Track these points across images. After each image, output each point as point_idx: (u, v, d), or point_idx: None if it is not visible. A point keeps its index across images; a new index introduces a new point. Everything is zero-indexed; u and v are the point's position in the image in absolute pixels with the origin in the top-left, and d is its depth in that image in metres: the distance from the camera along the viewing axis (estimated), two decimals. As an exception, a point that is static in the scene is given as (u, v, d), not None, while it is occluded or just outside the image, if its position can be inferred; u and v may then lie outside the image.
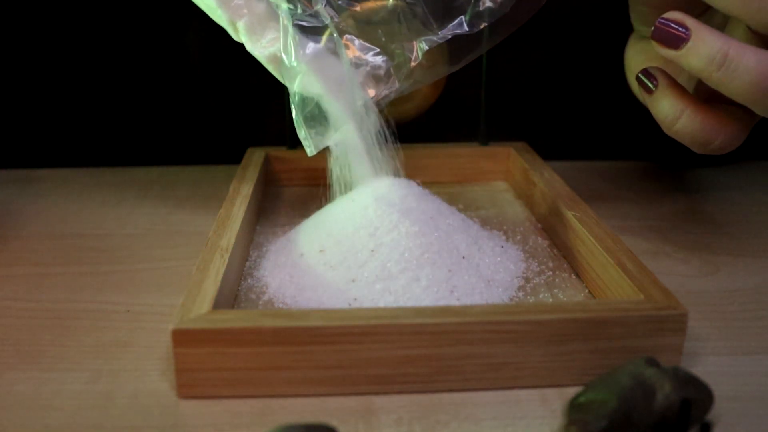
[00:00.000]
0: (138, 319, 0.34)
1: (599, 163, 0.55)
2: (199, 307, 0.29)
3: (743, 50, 0.33)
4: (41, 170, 0.53)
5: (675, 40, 0.34)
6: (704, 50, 0.34)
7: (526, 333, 0.29)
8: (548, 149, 0.50)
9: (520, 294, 0.35)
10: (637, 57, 0.44)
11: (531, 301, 0.35)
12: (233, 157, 0.48)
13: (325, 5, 0.36)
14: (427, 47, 0.36)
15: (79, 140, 0.55)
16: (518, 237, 0.41)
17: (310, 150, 0.36)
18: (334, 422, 0.27)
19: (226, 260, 0.33)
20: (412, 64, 0.36)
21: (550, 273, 0.37)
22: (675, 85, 0.37)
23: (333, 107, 0.36)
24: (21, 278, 0.38)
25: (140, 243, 0.42)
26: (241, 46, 0.37)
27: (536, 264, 0.38)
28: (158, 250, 0.41)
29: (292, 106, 0.36)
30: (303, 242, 0.37)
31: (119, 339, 0.33)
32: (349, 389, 0.29)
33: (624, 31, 0.44)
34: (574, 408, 0.27)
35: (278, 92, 0.48)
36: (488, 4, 0.36)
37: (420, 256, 0.34)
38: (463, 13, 0.36)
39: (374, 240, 0.35)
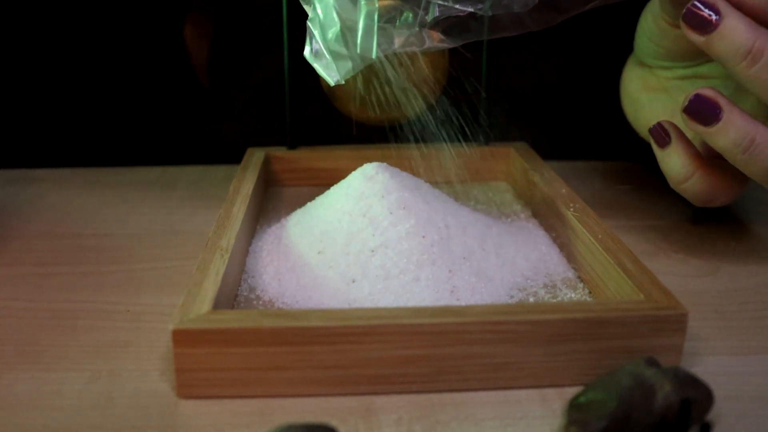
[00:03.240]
0: (138, 319, 0.34)
1: (599, 163, 0.55)
2: (199, 307, 0.29)
3: None
4: (41, 170, 0.53)
5: (707, 118, 0.35)
6: (733, 134, 0.34)
7: (526, 333, 0.29)
8: (548, 149, 0.50)
9: (520, 294, 0.35)
10: (635, 82, 0.45)
11: (531, 301, 0.35)
12: (233, 157, 0.48)
13: None
14: (438, 13, 0.35)
15: (79, 140, 0.55)
16: (518, 237, 0.41)
17: (336, 78, 0.35)
18: (333, 422, 0.27)
19: (226, 260, 0.33)
20: (424, 27, 0.36)
21: (550, 273, 0.37)
22: (687, 142, 0.38)
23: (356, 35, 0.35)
24: (21, 278, 0.38)
25: (140, 243, 0.42)
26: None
27: (536, 264, 0.38)
28: (158, 250, 0.41)
29: (315, 33, 0.34)
30: (302, 242, 0.37)
31: (119, 339, 0.33)
32: (349, 389, 0.29)
33: (624, 31, 0.44)
34: (574, 408, 0.27)
35: (278, 92, 0.48)
36: (510, 1, 0.35)
37: (420, 256, 0.34)
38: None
39: (374, 240, 0.35)
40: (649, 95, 0.44)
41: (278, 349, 0.28)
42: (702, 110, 0.35)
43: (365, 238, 0.35)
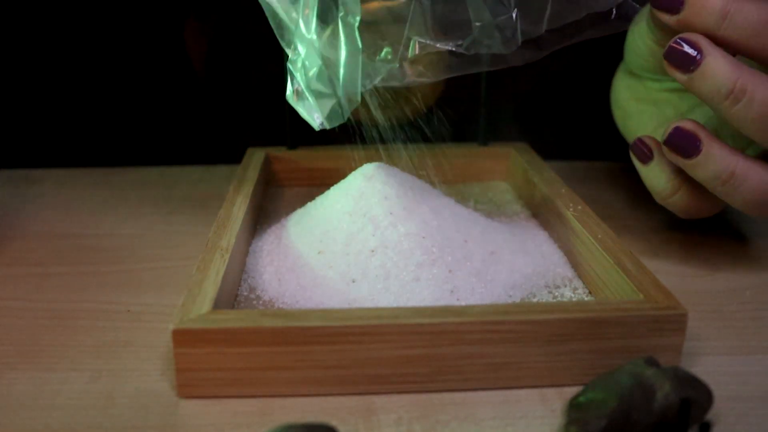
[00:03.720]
0: (138, 319, 0.34)
1: (599, 163, 0.55)
2: (199, 307, 0.29)
3: (749, 170, 0.34)
4: (41, 170, 0.53)
5: (686, 150, 0.35)
6: (712, 167, 0.35)
7: (526, 333, 0.29)
8: (548, 149, 0.50)
9: (520, 294, 0.35)
10: (624, 92, 0.45)
11: (531, 301, 0.35)
12: (233, 157, 0.48)
13: None
14: (418, 50, 0.35)
15: (79, 140, 0.55)
16: (518, 237, 0.41)
17: (320, 122, 0.34)
18: (334, 422, 0.27)
19: (227, 260, 0.33)
20: (404, 62, 0.35)
21: (550, 273, 0.37)
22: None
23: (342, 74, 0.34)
24: (21, 278, 0.38)
25: (140, 243, 0.42)
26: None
27: (536, 264, 0.38)
28: (158, 250, 0.41)
29: (296, 74, 0.34)
30: (302, 242, 0.37)
31: (119, 339, 0.33)
32: (349, 389, 0.29)
33: (624, 31, 0.44)
34: (573, 407, 0.27)
35: (278, 92, 0.48)
36: (492, 42, 0.35)
37: (420, 256, 0.34)
38: (466, 33, 0.35)
39: (374, 240, 0.35)
40: (638, 106, 0.44)
41: (278, 348, 0.28)
42: (682, 143, 0.35)
43: (365, 238, 0.35)
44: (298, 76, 0.33)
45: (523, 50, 0.36)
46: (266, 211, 0.45)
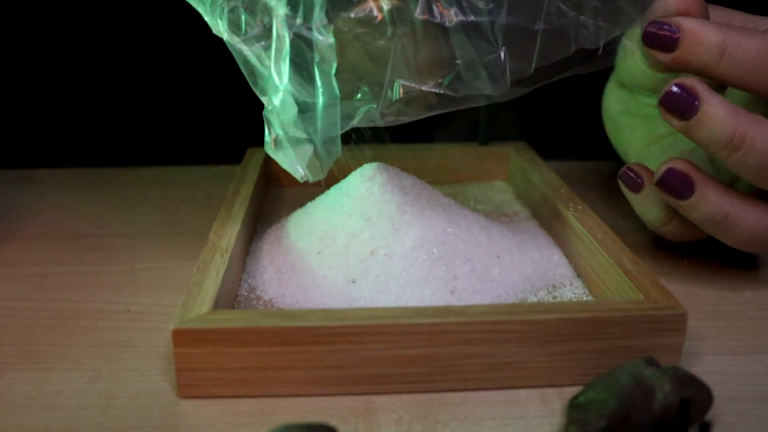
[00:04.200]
0: (138, 319, 0.34)
1: (599, 163, 0.55)
2: (199, 307, 0.29)
3: (743, 211, 0.34)
4: (41, 170, 0.53)
5: (680, 192, 0.34)
6: (706, 209, 0.34)
7: (525, 333, 0.29)
8: (548, 149, 0.50)
9: (520, 294, 0.35)
10: (616, 105, 0.44)
11: (531, 301, 0.35)
12: (233, 157, 0.48)
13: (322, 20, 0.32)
14: (402, 94, 0.34)
15: (79, 140, 0.55)
16: (518, 237, 0.41)
17: (301, 174, 0.33)
18: (333, 422, 0.27)
19: (227, 260, 0.33)
20: (385, 108, 0.34)
21: (550, 273, 0.37)
22: None
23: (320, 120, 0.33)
24: (21, 278, 0.38)
25: (140, 243, 0.42)
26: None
27: (536, 264, 0.38)
28: (158, 250, 0.41)
29: (273, 122, 0.32)
30: (302, 242, 0.37)
31: (120, 339, 0.33)
32: (349, 389, 0.29)
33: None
34: (573, 407, 0.27)
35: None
36: (480, 82, 0.34)
37: (419, 256, 0.34)
38: (452, 73, 0.34)
39: (374, 240, 0.35)
40: (629, 120, 0.43)
41: (278, 348, 0.28)
42: (675, 185, 0.34)
43: (365, 239, 0.35)
44: (275, 124, 0.32)
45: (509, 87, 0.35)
46: (266, 211, 0.45)
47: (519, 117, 0.55)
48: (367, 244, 0.35)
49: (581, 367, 0.30)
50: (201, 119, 0.55)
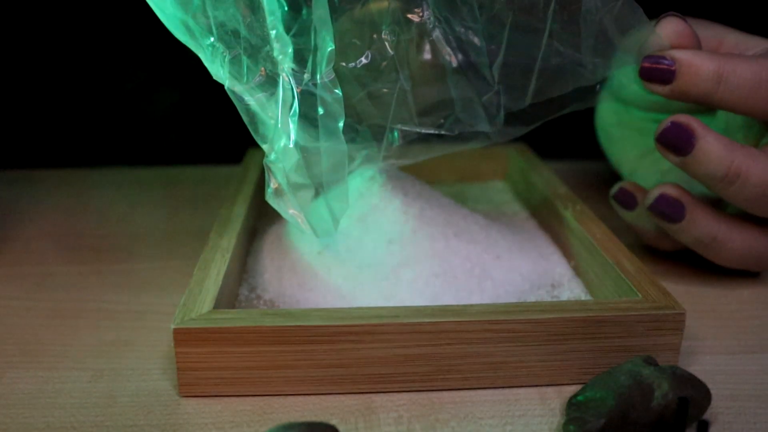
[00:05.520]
0: (139, 318, 0.35)
1: (599, 163, 0.55)
2: (200, 306, 0.29)
3: (731, 233, 0.35)
4: (42, 171, 0.53)
5: (671, 217, 0.35)
6: (696, 232, 0.35)
7: (525, 332, 0.29)
8: (548, 149, 0.50)
9: (519, 293, 0.35)
10: (609, 116, 0.45)
11: (530, 300, 0.35)
12: (234, 157, 0.49)
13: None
14: (401, 140, 0.35)
15: (79, 140, 0.55)
16: (517, 237, 0.41)
17: (307, 228, 0.32)
18: (334, 421, 0.28)
19: (227, 260, 0.33)
20: (385, 151, 0.35)
21: (549, 273, 0.37)
22: None
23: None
24: (23, 278, 0.38)
25: (141, 243, 0.42)
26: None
27: (535, 264, 0.38)
28: (159, 249, 0.41)
29: (275, 171, 0.31)
30: (302, 242, 0.37)
31: (121, 338, 0.33)
32: (349, 388, 0.29)
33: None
34: (572, 406, 0.27)
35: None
36: (476, 120, 0.35)
37: (419, 255, 0.34)
38: (449, 114, 0.35)
39: (374, 240, 0.35)
40: (622, 132, 0.44)
41: (279, 348, 0.28)
42: (667, 210, 0.35)
43: (365, 239, 0.35)
44: (277, 173, 0.31)
45: (507, 127, 0.36)
46: (266, 211, 0.45)
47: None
48: (366, 244, 0.35)
49: (580, 366, 0.30)
50: (201, 119, 0.55)
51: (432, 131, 0.34)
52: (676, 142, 0.34)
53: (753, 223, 0.36)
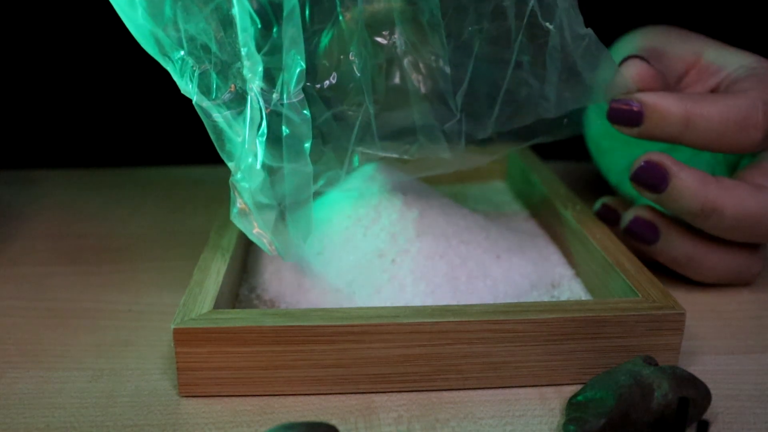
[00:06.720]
0: (139, 318, 0.35)
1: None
2: (200, 306, 0.29)
3: (707, 253, 0.36)
4: (42, 171, 0.53)
5: (645, 239, 0.36)
6: (673, 252, 0.36)
7: (525, 332, 0.29)
8: (548, 149, 0.50)
9: (519, 294, 0.35)
10: (598, 128, 0.45)
11: (530, 300, 0.35)
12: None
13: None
14: (360, 163, 0.34)
15: (79, 140, 0.55)
16: (517, 237, 0.41)
17: (270, 248, 0.31)
18: (334, 421, 0.28)
19: (227, 260, 0.33)
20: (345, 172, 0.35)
21: (549, 273, 0.37)
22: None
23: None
24: (23, 278, 0.38)
25: (142, 243, 0.42)
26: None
27: (535, 264, 0.38)
28: (159, 249, 0.41)
29: (241, 191, 0.30)
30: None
31: (121, 338, 0.33)
32: (349, 388, 0.29)
33: (623, 29, 0.44)
34: (572, 406, 0.27)
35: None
36: (437, 147, 0.35)
37: (419, 255, 0.34)
38: (412, 140, 0.35)
39: (374, 240, 0.35)
40: (610, 143, 0.44)
41: (279, 348, 0.28)
42: (641, 232, 0.36)
43: (365, 239, 0.35)
44: (242, 192, 0.31)
45: (472, 155, 0.36)
46: (266, 211, 0.45)
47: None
48: (366, 244, 0.35)
49: (580, 366, 0.30)
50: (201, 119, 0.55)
51: (393, 155, 0.35)
52: (650, 181, 0.34)
53: (726, 242, 0.36)
